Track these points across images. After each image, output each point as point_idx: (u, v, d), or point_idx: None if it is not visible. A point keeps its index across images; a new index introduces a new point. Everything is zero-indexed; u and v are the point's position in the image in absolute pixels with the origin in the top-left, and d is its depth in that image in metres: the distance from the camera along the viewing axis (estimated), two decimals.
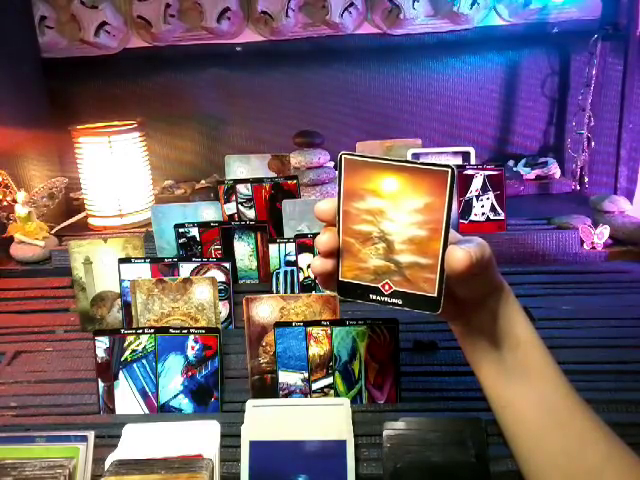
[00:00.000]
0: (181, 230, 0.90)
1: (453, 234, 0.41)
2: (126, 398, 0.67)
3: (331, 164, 1.20)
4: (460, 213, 1.02)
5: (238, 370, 0.72)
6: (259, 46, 1.41)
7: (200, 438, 0.60)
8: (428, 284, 0.41)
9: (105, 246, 0.84)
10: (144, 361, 0.68)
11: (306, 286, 0.85)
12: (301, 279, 0.85)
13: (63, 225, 1.22)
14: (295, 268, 0.85)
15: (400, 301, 0.42)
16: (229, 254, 0.90)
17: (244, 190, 0.96)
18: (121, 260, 0.82)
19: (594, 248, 0.97)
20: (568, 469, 0.43)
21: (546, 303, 0.84)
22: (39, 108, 1.28)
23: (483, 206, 1.02)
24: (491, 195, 1.02)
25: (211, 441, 0.59)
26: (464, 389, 0.66)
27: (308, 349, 0.66)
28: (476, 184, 1.02)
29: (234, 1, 1.34)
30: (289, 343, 0.66)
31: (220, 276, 0.81)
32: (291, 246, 0.85)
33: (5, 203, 1.08)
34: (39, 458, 0.59)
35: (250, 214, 0.96)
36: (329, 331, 0.65)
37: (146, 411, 0.67)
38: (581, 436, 0.44)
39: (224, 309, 0.82)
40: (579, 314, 0.81)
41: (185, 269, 0.81)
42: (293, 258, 0.85)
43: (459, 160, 1.17)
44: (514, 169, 1.35)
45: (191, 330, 0.68)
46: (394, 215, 0.40)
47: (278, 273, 0.86)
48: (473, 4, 1.32)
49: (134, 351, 0.68)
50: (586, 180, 1.25)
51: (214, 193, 1.20)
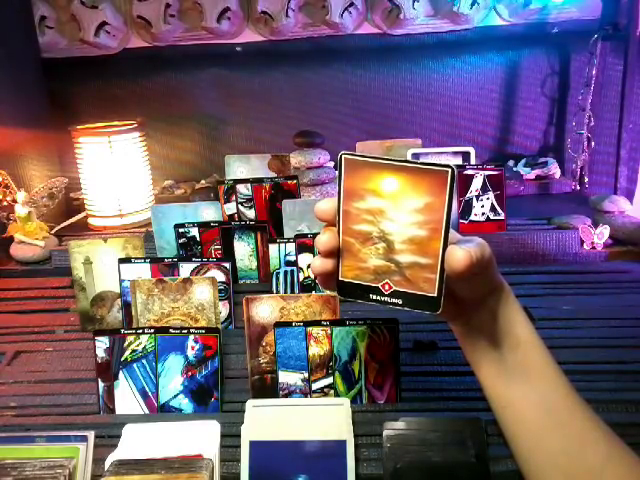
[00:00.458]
0: (181, 230, 0.90)
1: (453, 234, 0.41)
2: (126, 398, 0.67)
3: (331, 164, 1.20)
4: (460, 213, 1.02)
5: (238, 370, 0.72)
6: (259, 46, 1.41)
7: (200, 438, 0.60)
8: (428, 284, 0.41)
9: (105, 246, 0.84)
10: (144, 361, 0.68)
11: (306, 286, 0.85)
12: (301, 279, 0.85)
13: (63, 225, 1.22)
14: (295, 268, 0.85)
15: (400, 301, 0.42)
16: (229, 254, 0.90)
17: (244, 190, 0.96)
18: (121, 260, 0.82)
19: (594, 248, 0.97)
20: (568, 469, 0.43)
21: (546, 303, 0.84)
22: (39, 108, 1.28)
23: (483, 206, 1.02)
24: (491, 195, 1.02)
25: (211, 441, 0.59)
26: (464, 389, 0.66)
27: (308, 349, 0.66)
28: (476, 184, 1.02)
29: (234, 1, 1.34)
30: (289, 343, 0.66)
31: (220, 276, 0.81)
32: (291, 246, 0.85)
33: (5, 203, 1.07)
34: (39, 458, 0.59)
35: (250, 214, 0.96)
36: (329, 331, 0.65)
37: (146, 411, 0.67)
38: (581, 436, 0.44)
39: (224, 309, 0.82)
40: (579, 314, 0.81)
41: (185, 269, 0.81)
42: (293, 258, 0.85)
43: (459, 160, 1.17)
44: (514, 169, 1.35)
45: (191, 330, 0.68)
46: (394, 215, 0.40)
47: (278, 273, 0.86)
48: (473, 4, 1.32)
49: (134, 351, 0.68)
50: (586, 180, 1.25)
51: (214, 193, 1.20)
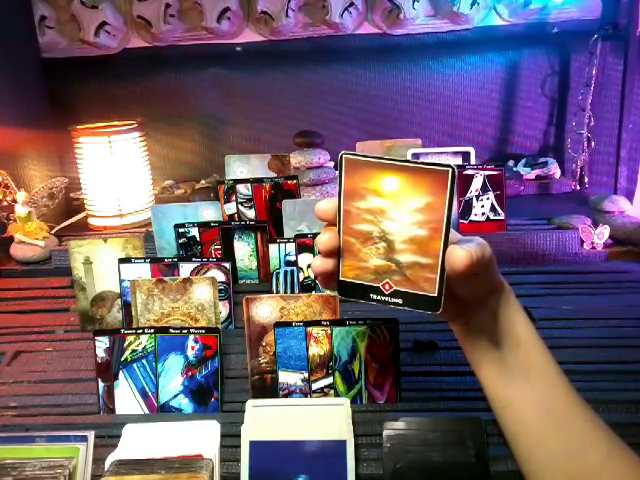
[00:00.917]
0: (181, 230, 0.90)
1: (453, 234, 0.41)
2: (126, 398, 0.67)
3: (331, 164, 1.20)
4: (460, 213, 1.02)
5: (238, 370, 0.72)
6: (259, 46, 1.41)
7: (200, 438, 0.60)
8: (429, 284, 0.41)
9: (105, 246, 0.84)
10: (144, 361, 0.68)
11: (306, 286, 0.85)
12: (301, 279, 0.85)
13: (63, 225, 1.22)
14: (295, 268, 0.85)
15: (400, 301, 0.42)
16: (229, 254, 0.90)
17: (244, 190, 0.95)
18: (121, 260, 0.82)
19: (594, 248, 0.97)
20: (568, 469, 0.43)
21: (546, 303, 0.84)
22: (39, 108, 1.28)
23: (483, 206, 1.02)
24: (491, 195, 1.02)
25: (211, 441, 0.59)
26: (464, 389, 0.66)
27: (308, 349, 0.66)
28: (476, 184, 1.02)
29: (234, 1, 1.34)
30: (289, 343, 0.66)
31: (220, 276, 0.81)
32: (291, 246, 0.85)
33: (5, 203, 1.07)
34: (39, 458, 0.59)
35: (250, 214, 0.96)
36: (329, 331, 0.65)
37: (146, 411, 0.67)
38: (581, 436, 0.44)
39: (224, 309, 0.82)
40: (579, 314, 0.81)
41: (185, 269, 0.81)
42: (293, 258, 0.85)
43: (459, 160, 1.17)
44: (514, 169, 1.35)
45: (191, 330, 0.68)
46: (395, 215, 0.40)
47: (278, 273, 0.86)
48: (473, 4, 1.32)
49: (134, 351, 0.68)
50: (586, 180, 1.25)
51: (214, 193, 1.20)
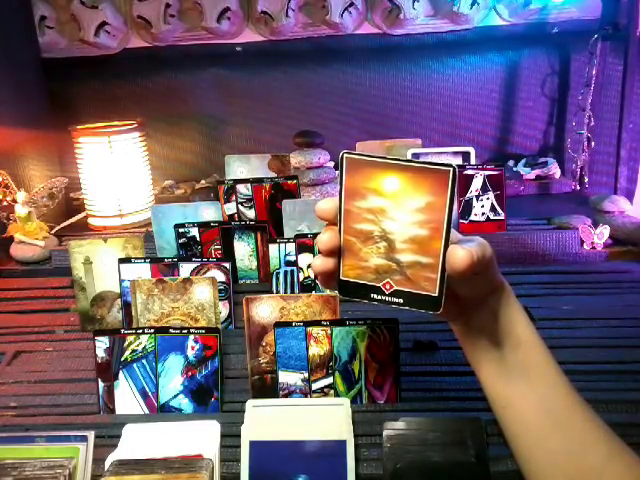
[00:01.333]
0: (181, 230, 0.90)
1: (454, 234, 0.41)
2: (126, 398, 0.67)
3: (331, 164, 1.20)
4: (460, 213, 1.02)
5: (238, 370, 0.72)
6: (259, 46, 1.41)
7: (200, 438, 0.60)
8: (429, 283, 0.41)
9: (105, 246, 0.84)
10: (144, 361, 0.68)
11: (306, 286, 0.85)
12: (301, 279, 0.85)
13: (63, 225, 1.22)
14: (295, 268, 0.85)
15: (401, 300, 0.42)
16: (229, 254, 0.90)
17: (244, 190, 0.96)
18: (121, 260, 0.82)
19: (594, 248, 0.97)
20: (568, 469, 0.43)
21: (546, 303, 0.84)
22: (39, 108, 1.28)
23: (483, 206, 1.02)
24: (491, 195, 1.02)
25: (211, 441, 0.59)
26: (464, 389, 0.66)
27: (308, 349, 0.66)
28: (476, 184, 1.02)
29: (234, 1, 1.34)
30: (289, 343, 0.66)
31: (220, 276, 0.81)
32: (291, 246, 0.85)
33: (5, 203, 1.07)
34: (39, 458, 0.59)
35: (250, 214, 0.96)
36: (329, 331, 0.65)
37: (146, 411, 0.67)
38: (581, 436, 0.44)
39: (224, 309, 0.82)
40: (579, 314, 0.81)
41: (185, 269, 0.81)
42: (293, 258, 0.85)
43: (459, 160, 1.17)
44: (514, 169, 1.35)
45: (191, 330, 0.68)
46: (395, 214, 0.40)
47: (278, 273, 0.86)
48: (473, 4, 1.32)
49: (134, 351, 0.68)
50: (586, 180, 1.25)
51: (214, 193, 1.20)
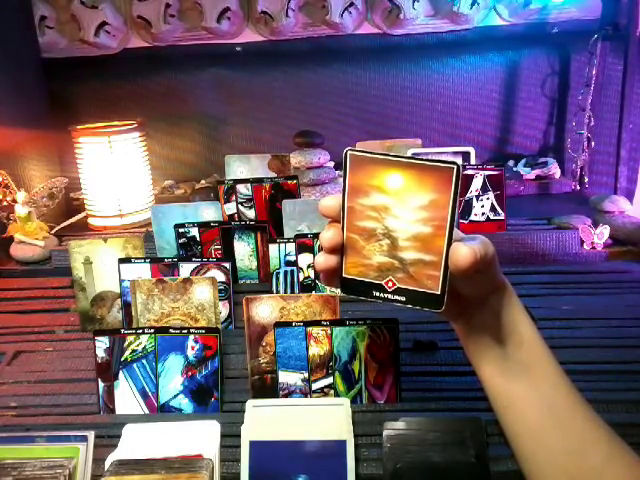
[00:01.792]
0: (181, 230, 0.90)
1: (456, 232, 0.41)
2: (126, 398, 0.67)
3: (331, 164, 1.20)
4: (460, 213, 1.02)
5: (238, 370, 0.72)
6: (259, 46, 1.41)
7: (200, 438, 0.60)
8: (432, 281, 0.41)
9: (105, 246, 0.84)
10: (144, 361, 0.68)
11: (306, 286, 0.85)
12: (301, 279, 0.85)
13: (63, 225, 1.22)
14: (295, 268, 0.85)
15: (403, 298, 0.42)
16: (229, 254, 0.90)
17: (244, 190, 0.95)
18: (121, 260, 0.82)
19: (594, 248, 0.97)
20: (569, 468, 0.43)
21: (546, 303, 0.84)
22: (39, 108, 1.28)
23: (483, 206, 1.02)
24: (491, 195, 1.02)
25: (211, 441, 0.59)
26: (464, 389, 0.66)
27: (308, 349, 0.66)
28: (476, 184, 1.02)
29: (234, 1, 1.34)
30: (289, 343, 0.66)
31: (220, 276, 0.81)
32: (291, 246, 0.85)
33: (5, 203, 1.07)
34: (39, 458, 0.59)
35: (250, 214, 0.96)
36: (329, 331, 0.65)
37: (146, 411, 0.67)
38: (582, 435, 0.44)
39: (224, 309, 0.82)
40: (579, 314, 0.81)
41: (185, 269, 0.81)
42: (293, 258, 0.85)
43: (459, 160, 1.17)
44: (514, 169, 1.35)
45: (191, 330, 0.68)
46: (399, 212, 0.40)
47: (278, 273, 0.86)
48: (473, 4, 1.32)
49: (134, 351, 0.68)
50: (586, 180, 1.25)
51: (214, 193, 1.20)
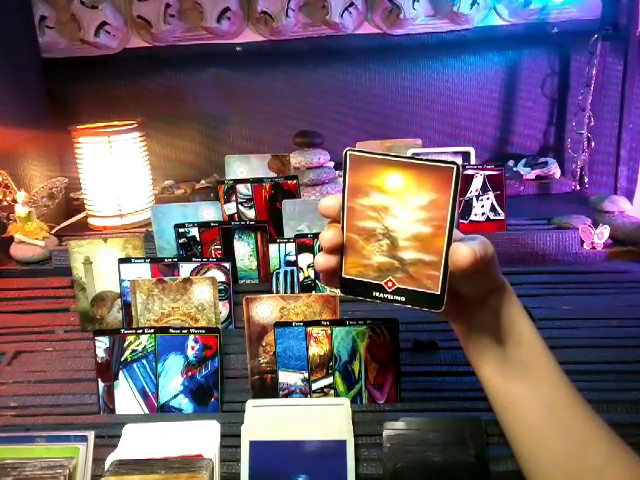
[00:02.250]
0: (181, 230, 0.90)
1: (456, 232, 0.41)
2: (126, 398, 0.67)
3: (331, 164, 1.20)
4: (460, 213, 1.02)
5: (238, 370, 0.72)
6: (259, 46, 1.41)
7: (200, 438, 0.60)
8: (431, 281, 0.41)
9: (105, 246, 0.84)
10: (144, 361, 0.68)
11: (306, 286, 0.85)
12: (301, 279, 0.85)
13: (63, 225, 1.22)
14: (295, 268, 0.85)
15: (403, 298, 0.42)
16: (229, 254, 0.90)
17: (244, 190, 0.96)
18: (121, 260, 0.82)
19: (594, 248, 0.97)
20: (569, 468, 0.43)
21: (546, 303, 0.84)
22: (39, 108, 1.28)
23: (483, 206, 1.02)
24: (491, 195, 1.02)
25: (211, 441, 0.59)
26: (464, 389, 0.66)
27: (308, 349, 0.66)
28: (476, 184, 1.02)
29: (234, 1, 1.34)
30: (289, 343, 0.66)
31: (220, 276, 0.81)
32: (291, 246, 0.85)
33: (5, 203, 1.07)
34: (39, 458, 0.59)
35: (250, 214, 0.96)
36: (329, 331, 0.65)
37: (146, 411, 0.67)
38: (582, 435, 0.44)
39: (224, 309, 0.82)
40: (579, 314, 0.81)
41: (185, 269, 0.81)
42: (293, 258, 0.85)
43: (459, 160, 1.17)
44: (514, 169, 1.35)
45: (191, 330, 0.68)
46: (398, 212, 0.40)
47: (278, 273, 0.86)
48: (473, 4, 1.32)
49: (134, 351, 0.68)
50: (586, 180, 1.25)
51: (214, 193, 1.20)
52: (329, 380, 0.66)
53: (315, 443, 0.58)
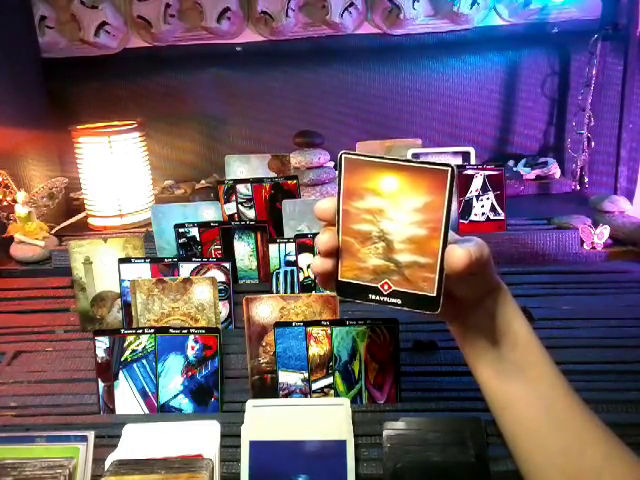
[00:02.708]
0: (181, 230, 0.90)
1: (451, 234, 0.41)
2: (126, 398, 0.67)
3: (331, 164, 1.20)
4: (460, 213, 1.02)
5: (238, 370, 0.72)
6: (259, 46, 1.41)
7: (200, 438, 0.60)
8: (427, 284, 0.41)
9: (105, 246, 0.84)
10: (144, 361, 0.68)
11: (306, 286, 0.85)
12: (301, 279, 0.85)
13: (63, 225, 1.22)
14: (295, 268, 0.85)
15: (399, 301, 0.42)
16: (229, 254, 0.90)
17: (244, 190, 0.96)
18: (121, 260, 0.82)
19: (594, 248, 0.97)
20: (567, 469, 0.43)
21: (546, 303, 0.84)
22: (39, 108, 1.28)
23: (483, 206, 1.02)
24: (491, 195, 1.02)
25: (211, 441, 0.59)
26: (464, 389, 0.66)
27: (308, 349, 0.66)
28: (476, 184, 1.02)
29: (234, 1, 1.34)
30: (289, 343, 0.66)
31: (220, 276, 0.81)
32: (291, 246, 0.85)
33: (5, 203, 1.08)
34: (39, 458, 0.59)
35: (250, 214, 0.96)
36: (329, 331, 0.65)
37: (146, 411, 0.67)
38: (580, 436, 0.44)
39: (224, 309, 0.82)
40: (579, 314, 0.81)
41: (185, 269, 0.81)
42: (293, 258, 0.85)
43: (459, 160, 1.17)
44: (514, 169, 1.35)
45: (191, 330, 0.68)
46: (394, 214, 0.40)
47: (278, 273, 0.86)
48: (473, 4, 1.32)
49: (134, 351, 0.68)
50: (586, 180, 1.25)
51: (214, 193, 1.20)
52: (329, 380, 0.66)
53: (315, 443, 0.58)
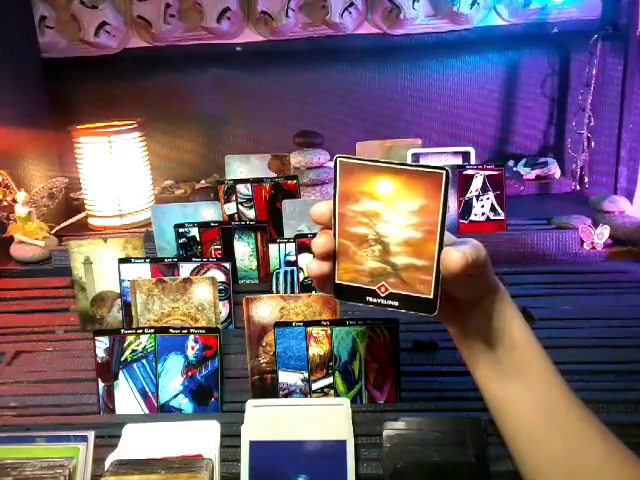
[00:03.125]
0: (181, 230, 0.90)
1: (448, 236, 0.41)
2: (126, 398, 0.67)
3: (331, 164, 1.20)
4: (460, 213, 1.02)
5: (238, 370, 0.72)
6: (259, 46, 1.41)
7: (200, 438, 0.60)
8: (424, 286, 0.41)
9: (105, 246, 0.84)
10: (144, 361, 0.68)
11: (306, 286, 0.85)
12: (301, 279, 0.85)
13: (63, 225, 1.22)
14: (295, 268, 0.85)
15: (396, 303, 0.42)
16: (229, 254, 0.90)
17: (244, 190, 0.96)
18: (121, 260, 0.82)
19: (594, 248, 0.97)
20: (566, 469, 0.43)
21: (546, 303, 0.84)
22: (39, 108, 1.28)
23: (483, 206, 1.02)
24: (491, 195, 1.02)
25: (211, 441, 0.59)
26: (464, 389, 0.66)
27: (308, 349, 0.66)
28: (476, 184, 1.02)
29: (234, 1, 1.34)
30: (289, 343, 0.66)
31: (220, 276, 0.81)
32: (291, 246, 0.85)
33: (5, 203, 1.08)
34: (39, 458, 0.59)
35: (250, 214, 0.96)
36: (329, 331, 0.65)
37: (146, 411, 0.67)
38: (579, 436, 0.44)
39: (224, 309, 0.82)
40: (579, 314, 0.81)
41: (185, 269, 0.81)
42: (293, 258, 0.85)
43: (459, 160, 1.17)
44: (514, 169, 1.35)
45: (191, 330, 0.68)
46: (389, 217, 0.40)
47: (278, 273, 0.86)
48: (473, 4, 1.32)
49: (134, 351, 0.68)
50: (586, 180, 1.25)
51: (214, 193, 1.20)
52: (329, 380, 0.66)
53: (315, 443, 0.58)
